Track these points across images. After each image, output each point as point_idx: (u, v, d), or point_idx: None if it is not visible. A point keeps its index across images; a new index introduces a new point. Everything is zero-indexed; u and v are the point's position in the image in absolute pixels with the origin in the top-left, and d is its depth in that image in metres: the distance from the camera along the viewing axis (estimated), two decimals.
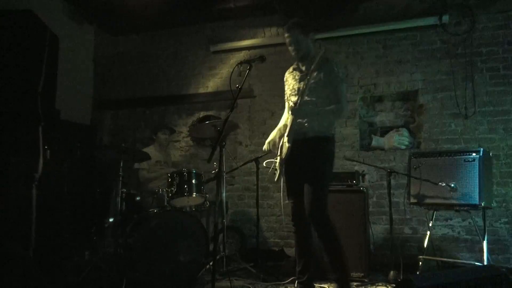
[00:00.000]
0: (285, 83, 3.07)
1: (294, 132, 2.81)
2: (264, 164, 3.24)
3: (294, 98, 2.85)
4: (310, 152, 2.78)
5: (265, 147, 3.07)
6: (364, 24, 4.79)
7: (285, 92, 3.05)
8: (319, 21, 4.74)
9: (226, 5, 5.09)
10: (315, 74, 2.74)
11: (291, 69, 3.05)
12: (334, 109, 2.76)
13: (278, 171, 2.91)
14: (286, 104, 3.05)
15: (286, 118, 3.04)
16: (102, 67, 5.99)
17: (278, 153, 2.95)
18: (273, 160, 3.03)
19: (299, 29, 2.84)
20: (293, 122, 2.80)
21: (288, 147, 2.79)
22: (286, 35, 2.89)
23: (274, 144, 3.03)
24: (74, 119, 5.34)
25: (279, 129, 3.08)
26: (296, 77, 2.94)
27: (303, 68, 2.91)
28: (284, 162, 2.86)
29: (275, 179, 2.94)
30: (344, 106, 2.80)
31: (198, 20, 5.48)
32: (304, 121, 2.81)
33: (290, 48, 2.90)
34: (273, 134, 3.08)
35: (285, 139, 2.86)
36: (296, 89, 2.89)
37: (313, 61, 2.78)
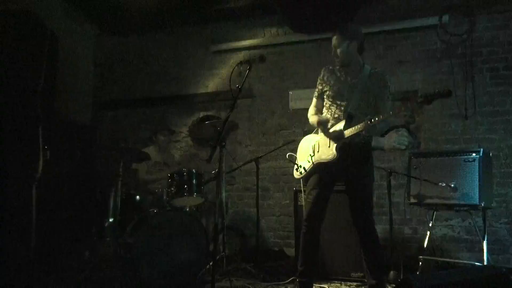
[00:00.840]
0: (323, 81, 2.94)
1: (344, 141, 2.71)
2: (287, 156, 3.15)
3: (343, 103, 2.77)
4: (360, 160, 2.76)
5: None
6: (364, 24, 4.78)
7: (321, 89, 2.93)
8: (319, 21, 4.74)
9: (226, 5, 5.10)
10: (366, 83, 2.73)
11: (331, 68, 2.95)
12: (387, 122, 2.79)
13: (303, 169, 2.87)
14: (328, 104, 2.90)
15: (323, 109, 2.94)
16: (102, 67, 5.99)
17: (311, 152, 2.88)
18: (294, 154, 2.99)
19: (345, 34, 2.80)
20: (347, 131, 2.69)
21: (335, 154, 2.69)
22: (334, 37, 2.85)
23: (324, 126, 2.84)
24: (73, 119, 5.34)
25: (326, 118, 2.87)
26: (342, 79, 2.85)
27: (351, 75, 2.84)
28: (322, 164, 2.78)
29: (296, 175, 2.91)
30: (391, 119, 2.81)
31: (198, 20, 5.48)
32: (356, 133, 2.68)
33: (333, 51, 2.85)
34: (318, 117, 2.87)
35: (330, 143, 2.75)
36: (345, 95, 2.80)
37: (361, 70, 2.79)
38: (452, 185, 3.34)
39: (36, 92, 2.04)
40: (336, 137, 2.73)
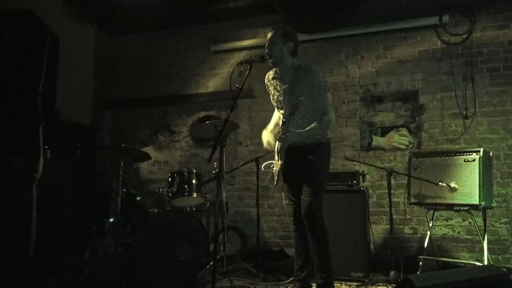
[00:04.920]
0: (268, 90, 3.02)
1: (285, 151, 2.76)
2: (263, 168, 3.23)
3: (281, 111, 2.84)
4: (305, 156, 2.76)
5: (265, 147, 3.03)
6: (364, 24, 4.79)
7: (271, 97, 3.00)
8: (319, 21, 4.74)
9: (226, 5, 5.09)
10: (297, 88, 2.70)
11: (270, 76, 2.97)
12: (321, 124, 2.72)
13: (276, 177, 2.90)
14: (275, 105, 3.00)
15: (277, 117, 3.02)
16: (102, 67, 5.99)
17: (276, 159, 2.91)
18: (271, 162, 3.02)
19: (280, 32, 2.77)
20: (282, 146, 2.76)
21: (282, 163, 2.75)
22: (269, 34, 2.82)
23: (270, 145, 2.96)
24: (74, 119, 5.34)
25: (271, 131, 3.00)
26: (278, 87, 2.89)
27: (284, 78, 2.84)
28: (280, 173, 2.82)
29: (274, 183, 2.94)
30: (331, 117, 2.77)
31: (198, 20, 5.48)
32: (294, 143, 2.75)
33: (267, 51, 2.81)
34: (266, 137, 2.99)
35: (276, 156, 2.82)
36: (282, 101, 2.85)
37: (291, 70, 2.78)
38: (452, 185, 3.34)
39: (36, 92, 2.05)
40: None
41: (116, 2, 5.07)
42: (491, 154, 3.55)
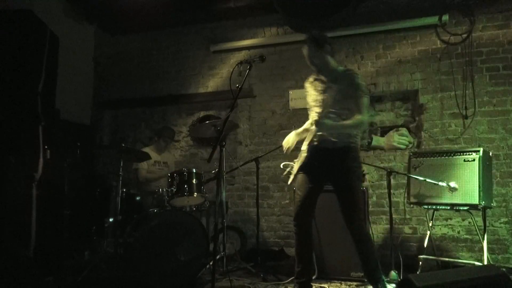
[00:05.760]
0: (307, 93, 3.05)
1: (316, 144, 2.81)
2: (282, 166, 3.23)
3: (318, 109, 2.84)
4: (340, 163, 2.78)
5: (284, 147, 3.05)
6: (364, 24, 4.79)
7: (308, 102, 3.03)
8: (319, 21, 4.74)
9: (226, 5, 5.10)
10: (337, 85, 2.76)
11: (311, 79, 3.03)
12: (355, 122, 2.76)
13: (293, 175, 2.92)
14: (310, 114, 3.01)
15: (308, 124, 3.04)
16: (102, 67, 5.99)
17: (296, 159, 2.95)
18: (289, 163, 3.03)
19: (314, 43, 2.86)
20: (315, 134, 2.81)
21: (307, 156, 2.81)
22: (304, 48, 2.92)
23: (289, 147, 3.01)
24: (74, 119, 5.34)
25: (298, 134, 3.05)
26: (318, 88, 2.94)
27: (325, 79, 2.91)
28: (301, 166, 2.86)
29: (289, 182, 2.94)
30: (365, 118, 2.80)
31: (198, 20, 5.48)
32: (326, 133, 2.79)
33: (308, 61, 2.92)
34: (290, 136, 3.05)
35: (304, 147, 2.86)
36: (320, 100, 2.88)
37: (334, 72, 2.83)
38: (452, 185, 3.34)
39: (36, 92, 2.05)
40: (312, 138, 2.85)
41: (116, 2, 5.07)
42: (491, 154, 3.55)
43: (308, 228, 2.88)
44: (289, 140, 3.03)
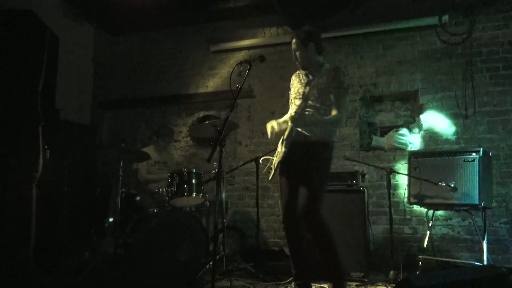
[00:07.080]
0: (291, 86, 3.04)
1: (292, 138, 2.81)
2: (261, 161, 3.24)
3: (298, 102, 2.85)
4: (308, 155, 2.77)
5: (269, 132, 2.94)
6: (364, 24, 4.79)
7: (290, 95, 3.03)
8: (319, 21, 4.74)
9: (226, 5, 5.09)
10: (320, 81, 2.76)
11: (297, 72, 3.03)
12: (332, 119, 2.76)
13: (273, 170, 2.92)
14: (290, 107, 3.02)
15: (288, 116, 3.02)
16: (102, 67, 5.99)
17: (275, 154, 2.94)
18: (269, 157, 3.02)
19: (298, 40, 2.84)
20: (291, 129, 2.81)
21: (284, 151, 2.79)
22: (292, 41, 2.90)
23: (273, 129, 2.90)
24: (74, 119, 5.34)
25: (278, 123, 2.94)
26: (302, 81, 2.94)
27: (309, 74, 2.91)
28: (279, 164, 2.85)
29: (270, 178, 2.94)
30: (342, 116, 2.81)
31: (198, 20, 5.48)
32: (303, 129, 2.80)
33: (293, 54, 2.92)
34: (271, 123, 2.93)
35: (280, 142, 2.86)
36: (301, 93, 2.88)
37: (318, 69, 2.83)
38: (452, 185, 3.34)
39: (36, 92, 2.05)
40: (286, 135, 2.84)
41: (115, 1, 5.07)
42: (490, 154, 3.55)
43: (298, 228, 2.84)
44: (273, 124, 2.91)
